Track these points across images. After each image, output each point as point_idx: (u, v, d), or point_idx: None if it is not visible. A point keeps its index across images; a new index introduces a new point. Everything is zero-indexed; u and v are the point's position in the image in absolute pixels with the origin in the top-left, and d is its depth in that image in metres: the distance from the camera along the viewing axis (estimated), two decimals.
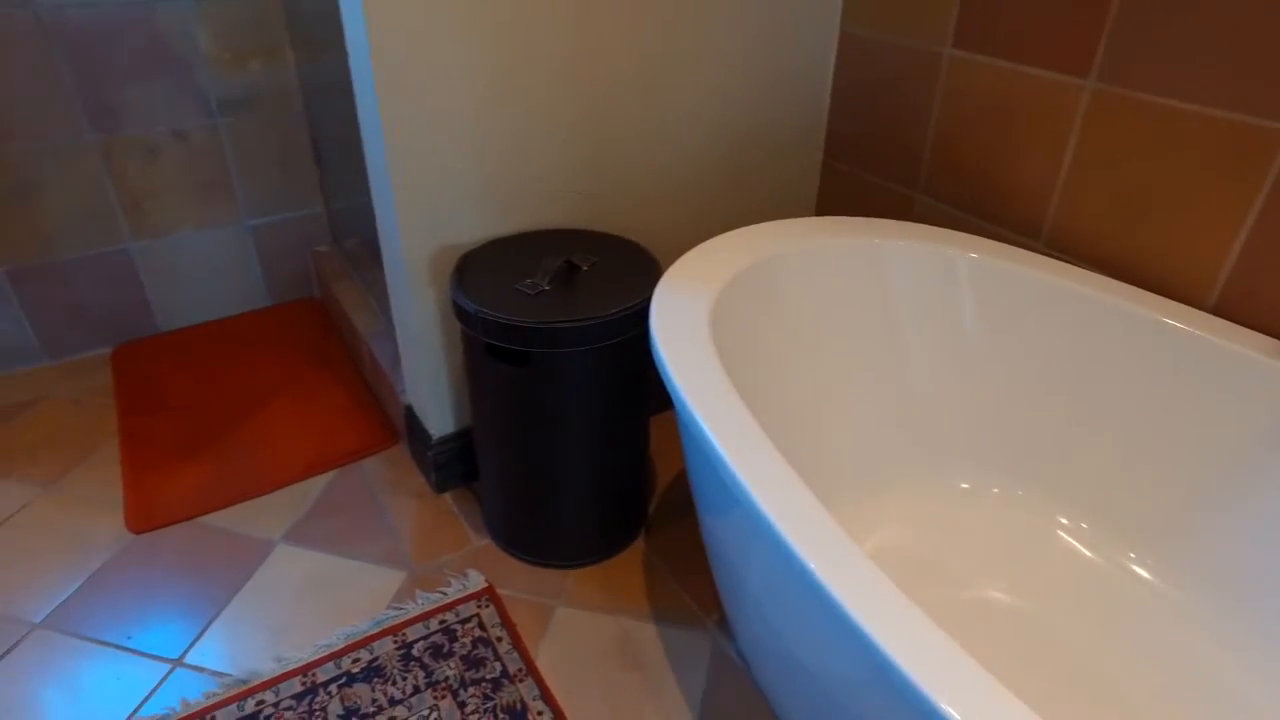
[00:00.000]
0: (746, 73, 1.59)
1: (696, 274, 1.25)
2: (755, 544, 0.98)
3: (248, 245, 2.25)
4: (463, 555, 1.52)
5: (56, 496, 1.70)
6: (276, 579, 1.49)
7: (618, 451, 1.41)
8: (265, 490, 1.69)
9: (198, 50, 1.98)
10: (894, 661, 0.72)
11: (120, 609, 1.44)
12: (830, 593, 0.78)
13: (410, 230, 1.34)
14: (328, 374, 2.05)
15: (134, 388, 2.03)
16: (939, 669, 0.71)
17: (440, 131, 1.30)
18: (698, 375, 1.04)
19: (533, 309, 1.21)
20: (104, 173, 2.00)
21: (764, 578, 1.02)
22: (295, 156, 2.20)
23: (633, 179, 1.55)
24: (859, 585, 0.79)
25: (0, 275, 1.99)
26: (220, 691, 1.29)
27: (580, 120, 1.43)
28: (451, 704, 1.26)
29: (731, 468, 0.90)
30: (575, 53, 1.37)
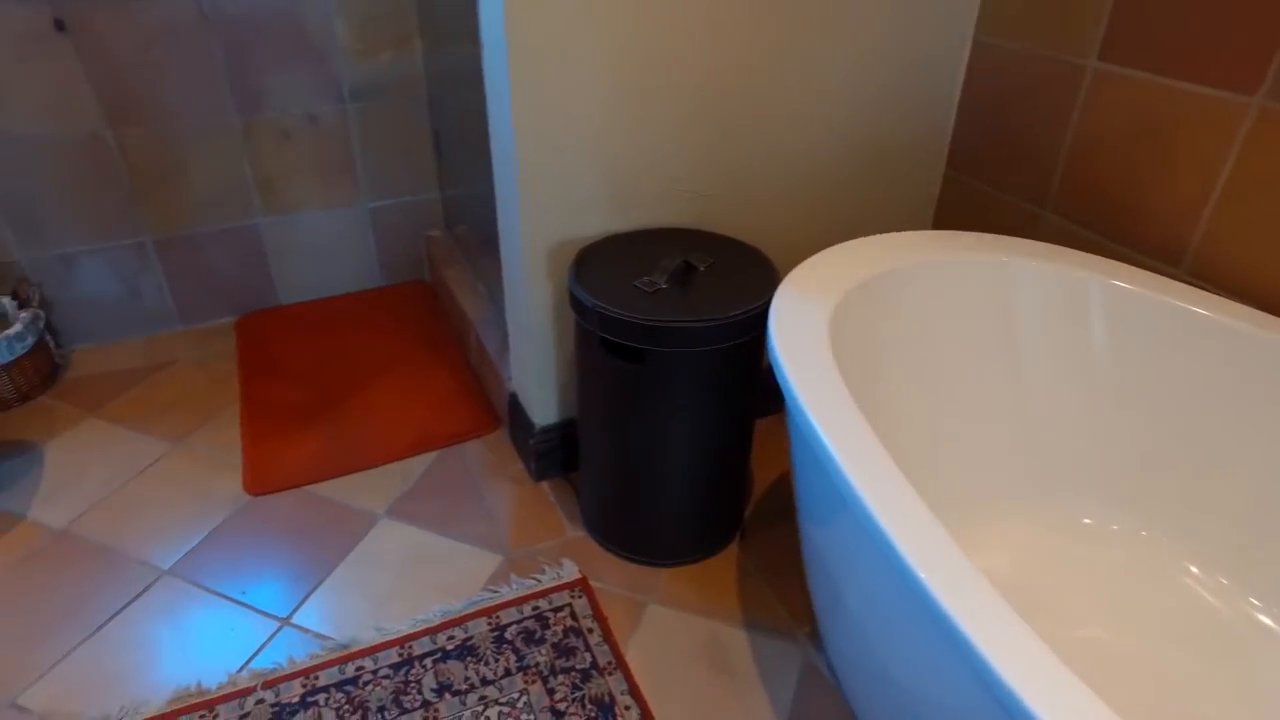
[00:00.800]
0: (873, 79, 1.56)
1: (816, 281, 1.23)
2: (862, 555, 0.96)
3: (365, 226, 2.34)
4: (557, 544, 1.54)
5: (184, 454, 1.81)
6: (378, 551, 1.55)
7: (721, 454, 1.41)
8: (372, 464, 1.75)
9: (335, 40, 2.07)
10: (1018, 695, 0.69)
11: (237, 565, 1.52)
12: (947, 613, 0.76)
13: (532, 221, 1.37)
14: (435, 356, 2.12)
15: (255, 356, 2.14)
16: (1067, 710, 0.68)
17: (567, 127, 1.32)
18: (816, 383, 1.02)
19: (650, 307, 1.21)
20: (242, 152, 2.11)
21: (868, 592, 0.99)
22: (416, 143, 2.28)
23: (751, 182, 1.54)
24: (979, 608, 0.76)
25: (149, 245, 2.13)
26: (323, 654, 1.35)
27: (703, 120, 1.43)
28: (541, 690, 1.28)
29: (847, 476, 0.89)
30: (702, 53, 1.37)
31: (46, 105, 1.90)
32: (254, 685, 1.29)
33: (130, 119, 1.97)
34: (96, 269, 2.12)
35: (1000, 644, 0.73)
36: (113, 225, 2.08)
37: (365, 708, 1.26)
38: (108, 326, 2.20)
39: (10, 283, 2.05)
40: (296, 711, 1.26)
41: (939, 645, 0.82)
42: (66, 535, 1.60)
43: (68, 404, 1.98)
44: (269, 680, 1.30)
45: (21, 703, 1.28)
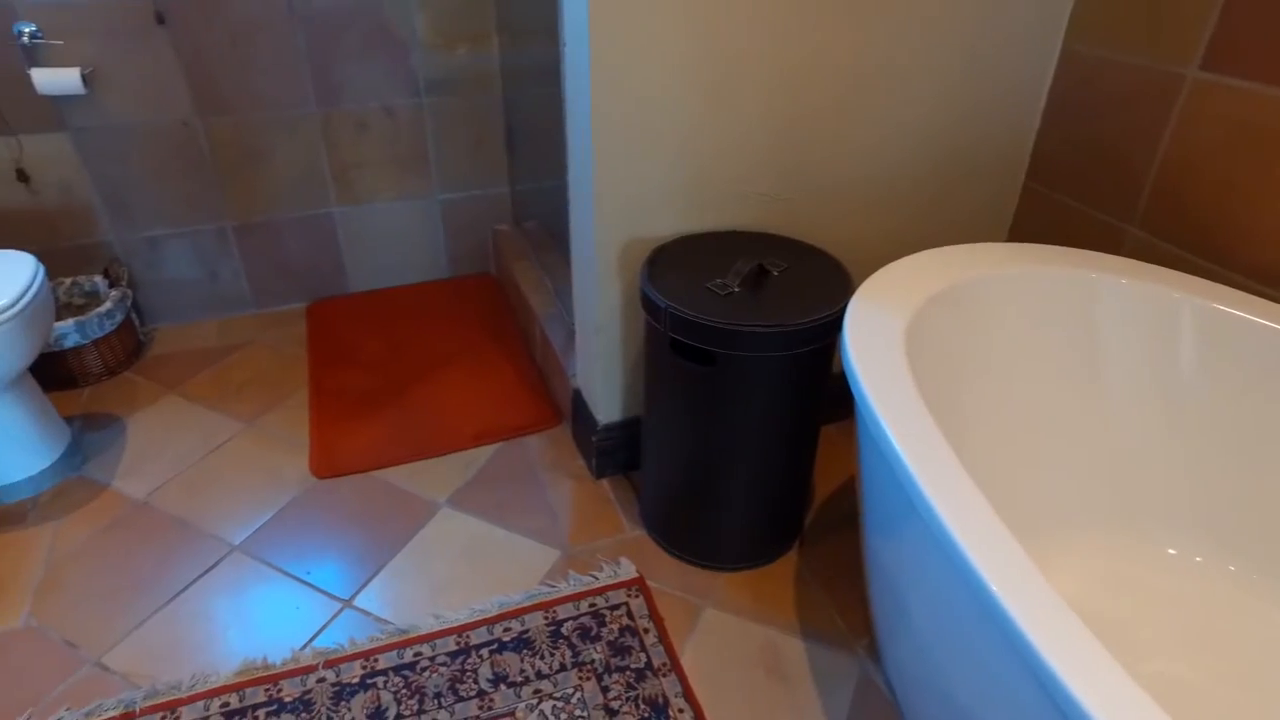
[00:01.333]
0: (957, 87, 1.52)
1: (892, 290, 1.21)
2: (931, 570, 0.94)
3: (435, 218, 2.38)
4: (615, 542, 1.55)
5: (255, 434, 1.86)
6: (439, 539, 1.57)
7: (786, 460, 1.39)
8: (435, 453, 1.78)
9: (414, 34, 2.10)
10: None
11: (302, 545, 1.56)
12: (1024, 634, 0.74)
13: (605, 219, 1.37)
14: (499, 349, 2.14)
15: (324, 342, 2.19)
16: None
17: (645, 126, 1.31)
18: (891, 393, 1.00)
19: (722, 309, 1.20)
20: (320, 143, 2.17)
21: (934, 608, 0.97)
22: (488, 137, 2.30)
23: (827, 188, 1.52)
24: (1058, 631, 0.74)
25: (228, 230, 2.20)
26: (383, 637, 1.37)
27: (782, 125, 1.41)
28: (595, 687, 1.28)
29: (921, 489, 0.87)
30: (786, 59, 1.35)
31: (143, 94, 1.97)
32: (316, 664, 1.33)
33: (217, 108, 2.04)
34: (180, 251, 2.19)
35: (1081, 671, 0.70)
36: (197, 210, 2.15)
37: (422, 693, 1.28)
38: (187, 307, 2.28)
39: (103, 262, 2.14)
40: (356, 692, 1.28)
41: (1010, 667, 0.80)
42: (146, 506, 1.66)
43: (149, 380, 2.06)
44: (330, 660, 1.33)
45: (105, 662, 1.34)
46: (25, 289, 1.54)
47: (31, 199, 2.01)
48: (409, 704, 1.26)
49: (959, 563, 0.81)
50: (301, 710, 1.26)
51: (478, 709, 1.25)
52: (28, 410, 1.67)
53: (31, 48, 1.85)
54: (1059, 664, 0.71)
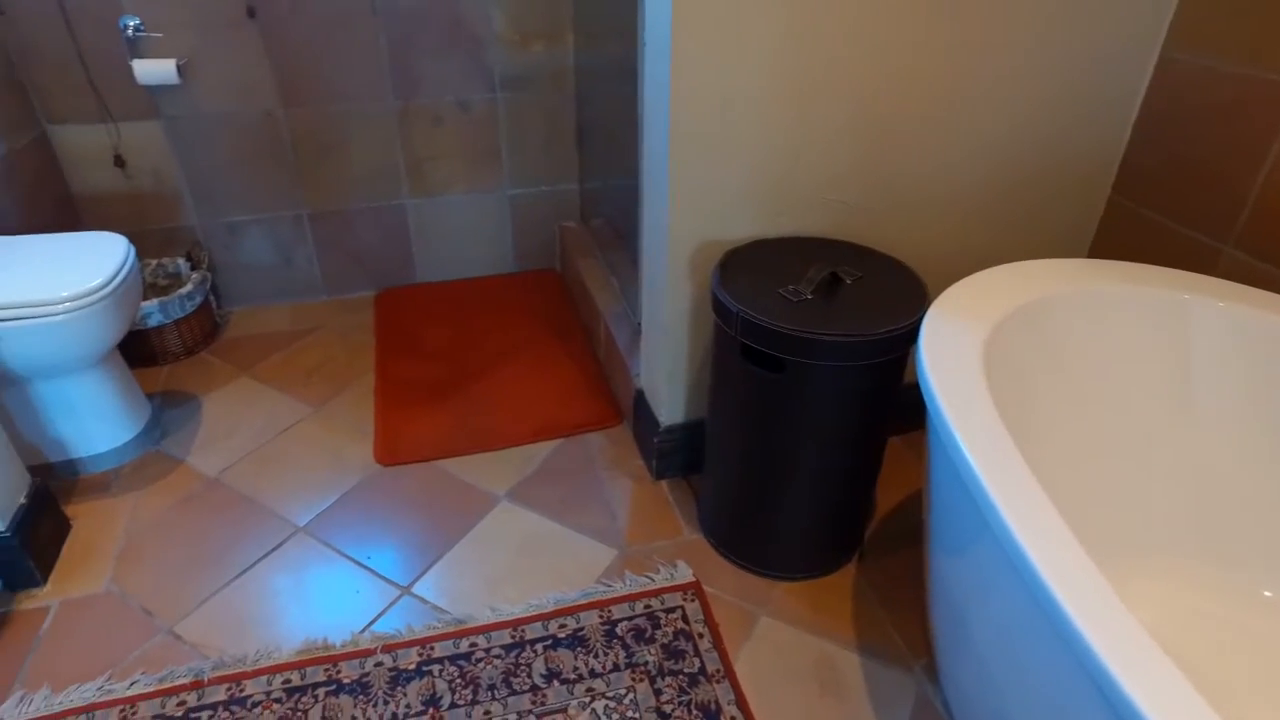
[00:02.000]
0: (1047, 96, 1.47)
1: (970, 304, 1.18)
2: (1001, 593, 0.91)
3: (505, 213, 2.40)
4: (673, 545, 1.54)
5: (322, 419, 1.91)
6: (497, 532, 1.58)
7: (851, 471, 1.37)
8: (496, 446, 1.80)
9: (492, 31, 2.13)
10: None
11: (364, 530, 1.59)
12: (1103, 663, 0.71)
13: (679, 221, 1.37)
14: (562, 345, 2.15)
15: (391, 330, 2.23)
16: None
17: (723, 129, 1.30)
18: (968, 410, 0.97)
19: (795, 316, 1.19)
20: (396, 135, 2.21)
21: (1002, 631, 0.94)
22: (560, 135, 2.32)
23: (906, 196, 1.48)
24: (1139, 662, 0.70)
25: (304, 218, 2.26)
26: (440, 626, 1.39)
27: (863, 132, 1.39)
28: (648, 689, 1.28)
29: (998, 510, 0.84)
30: (871, 66, 1.32)
31: (231, 85, 2.03)
32: (374, 648, 1.35)
33: (299, 99, 2.09)
34: (257, 237, 2.26)
35: (1166, 709, 0.67)
36: (275, 198, 2.21)
37: (476, 684, 1.29)
38: (261, 291, 2.35)
39: (185, 245, 2.22)
40: (412, 679, 1.30)
41: (1084, 699, 0.77)
42: (217, 483, 1.71)
43: (224, 361, 2.12)
44: (388, 645, 1.35)
45: (178, 631, 1.39)
46: (119, 269, 1.60)
47: (126, 183, 2.10)
48: (463, 694, 1.28)
49: (1034, 587, 0.78)
50: (359, 692, 1.28)
51: (530, 703, 1.26)
52: (115, 385, 1.74)
53: (134, 40, 1.93)
54: (1143, 700, 0.68)
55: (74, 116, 1.99)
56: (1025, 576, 0.79)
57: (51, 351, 1.56)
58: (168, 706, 1.26)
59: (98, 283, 1.56)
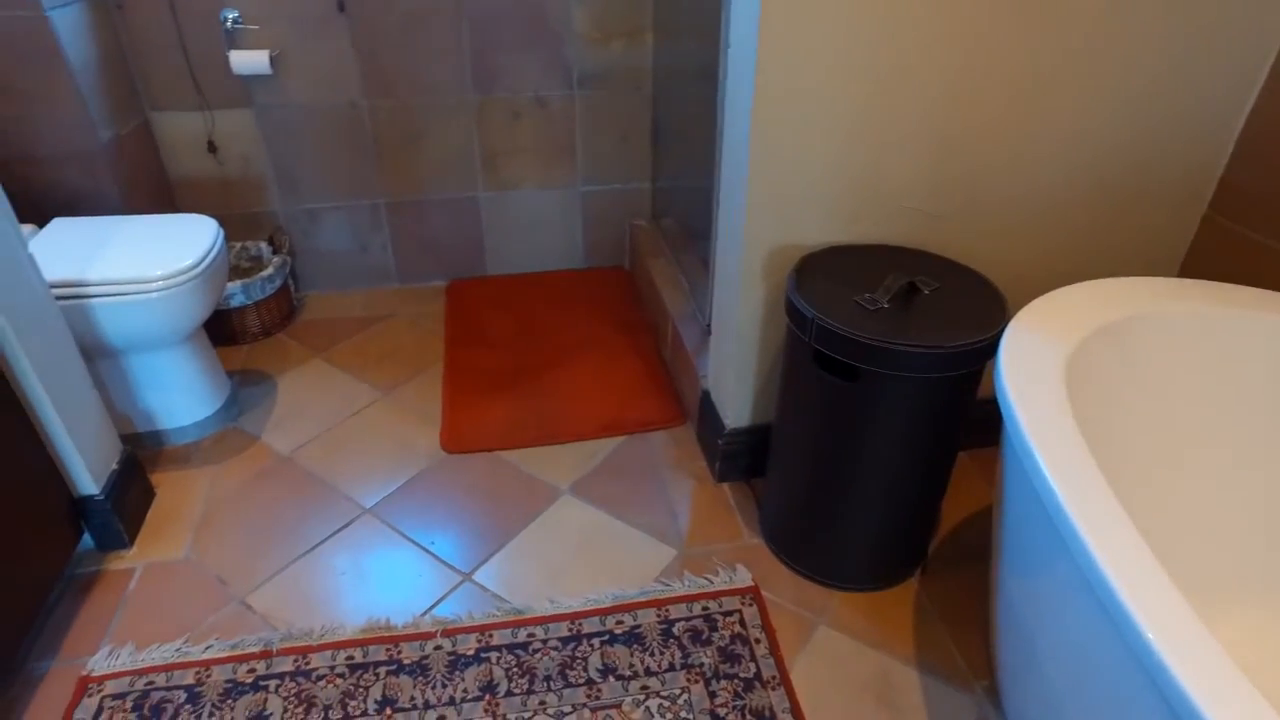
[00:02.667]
0: (1141, 104, 1.42)
1: (1054, 320, 1.15)
2: (1077, 618, 0.88)
3: (576, 209, 2.43)
4: (733, 548, 1.54)
5: (391, 404, 1.96)
6: (558, 525, 1.60)
7: (918, 484, 1.34)
8: (560, 440, 1.82)
9: (571, 28, 2.15)
10: None
11: (428, 515, 1.63)
12: (1192, 700, 0.68)
13: (755, 223, 1.36)
14: (629, 343, 2.16)
15: (460, 320, 2.27)
16: None
17: (804, 133, 1.29)
18: (1049, 430, 0.95)
19: (871, 325, 1.17)
20: (474, 129, 2.25)
21: (1075, 658, 0.92)
22: (634, 133, 2.33)
23: (987, 205, 1.45)
24: (1233, 702, 0.68)
25: (382, 207, 2.32)
26: (499, 615, 1.41)
27: (946, 139, 1.36)
28: (702, 691, 1.28)
29: (1081, 535, 0.82)
30: (955, 69, 1.30)
31: (320, 76, 2.10)
32: (435, 631, 1.38)
33: (383, 91, 2.15)
34: (336, 224, 2.33)
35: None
36: (355, 186, 2.28)
37: (533, 674, 1.31)
38: (337, 277, 2.42)
39: (268, 230, 2.29)
40: (470, 664, 1.33)
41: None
42: (289, 461, 1.77)
43: (299, 343, 2.19)
44: (448, 629, 1.38)
45: (249, 601, 1.44)
46: (208, 251, 1.67)
47: (217, 169, 2.18)
48: (519, 682, 1.30)
49: (1116, 614, 0.76)
50: (419, 674, 1.31)
51: (585, 696, 1.27)
52: (200, 362, 1.81)
53: (232, 32, 2.00)
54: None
55: (174, 104, 2.07)
56: (1106, 603, 0.77)
57: (145, 327, 1.64)
58: (239, 673, 1.31)
59: (189, 263, 1.62)
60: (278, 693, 1.28)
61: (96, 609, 1.42)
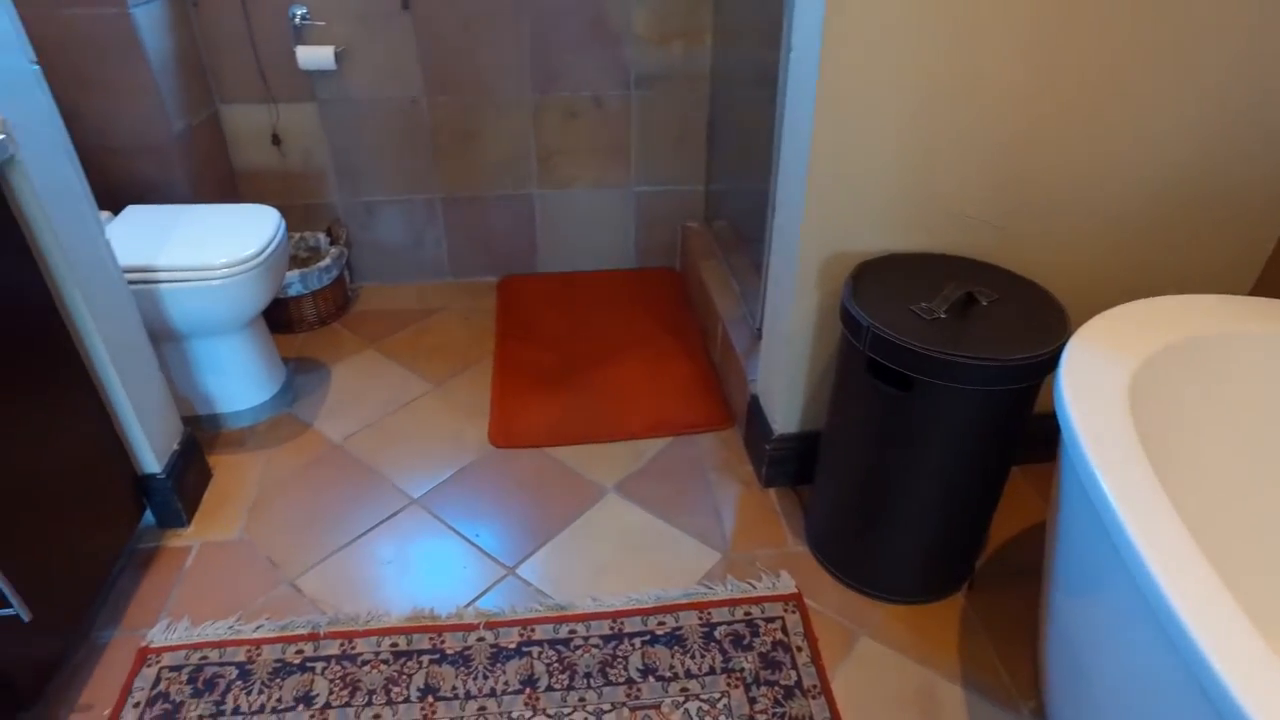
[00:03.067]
0: (1221, 114, 1.37)
1: (1119, 336, 1.12)
2: (1135, 643, 0.86)
3: (629, 209, 2.43)
4: (777, 554, 1.53)
5: (441, 397, 1.98)
6: (603, 523, 1.61)
7: (969, 498, 1.32)
8: (607, 439, 1.82)
9: (631, 29, 2.15)
10: None
11: (475, 508, 1.64)
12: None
13: (812, 229, 1.35)
14: (678, 344, 2.16)
15: (511, 317, 2.29)
16: None
17: (866, 140, 1.28)
18: (1111, 450, 0.93)
19: (926, 335, 1.15)
20: (530, 127, 2.27)
21: (1131, 684, 0.89)
22: (690, 135, 2.33)
23: (1049, 217, 1.42)
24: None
25: (437, 202, 2.35)
26: (541, 610, 1.42)
27: (1006, 147, 1.33)
28: (742, 696, 1.28)
29: (1144, 559, 0.80)
30: (1027, 79, 1.27)
31: (382, 72, 2.14)
32: (478, 623, 1.39)
33: (443, 88, 2.18)
34: (392, 218, 2.37)
35: None
36: (412, 181, 2.31)
37: (573, 670, 1.32)
38: (391, 270, 2.46)
39: (326, 221, 2.34)
40: (511, 657, 1.34)
41: None
42: (341, 449, 1.80)
43: (353, 333, 2.24)
44: (491, 622, 1.40)
45: (298, 584, 1.48)
46: (270, 240, 1.71)
47: (280, 161, 2.23)
48: (560, 678, 1.30)
49: (1180, 642, 0.74)
50: (461, 664, 1.33)
51: (625, 695, 1.28)
52: (258, 348, 1.86)
53: (300, 28, 2.05)
54: None
55: (241, 97, 2.13)
56: (1171, 633, 0.75)
57: (207, 312, 1.68)
58: (287, 653, 1.34)
59: (252, 251, 1.67)
60: (324, 674, 1.31)
61: (155, 584, 1.47)
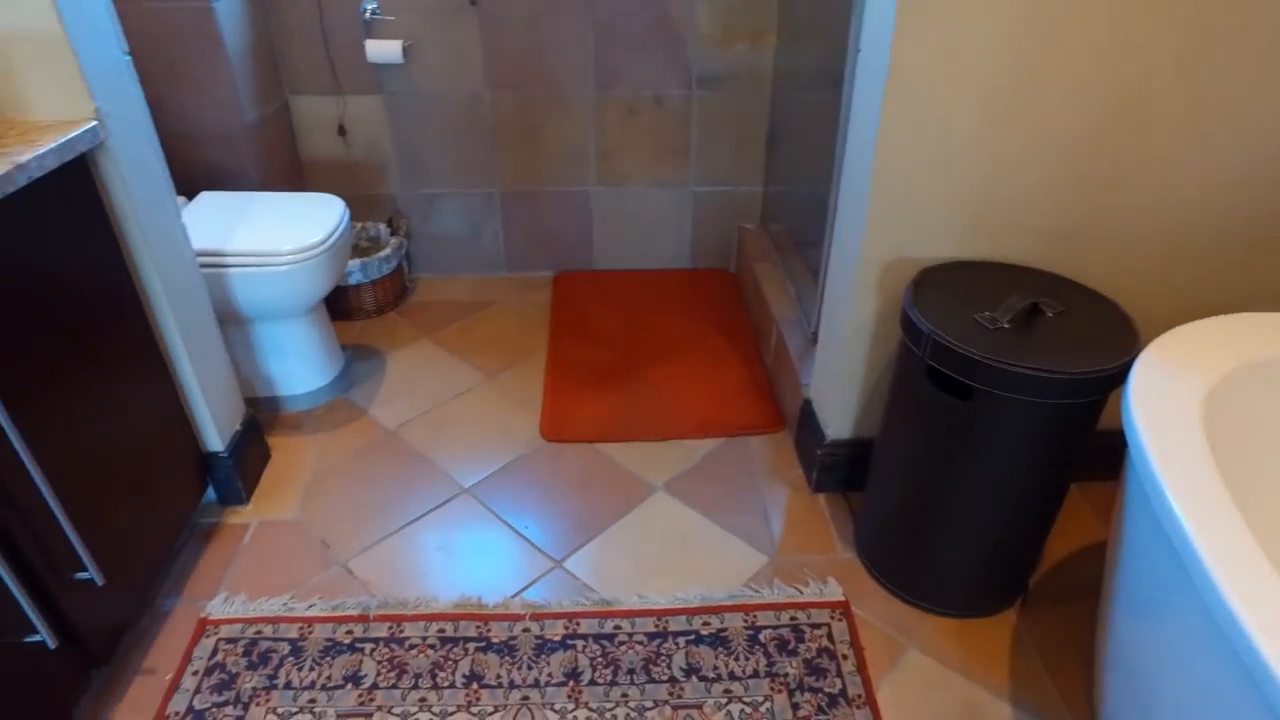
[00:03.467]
0: None
1: (1192, 353, 1.08)
2: (1207, 672, 0.83)
3: (686, 209, 2.43)
4: (825, 560, 1.51)
5: (494, 388, 2.01)
6: (651, 521, 1.61)
7: (1026, 512, 1.29)
8: (657, 437, 1.83)
9: (695, 27, 2.15)
10: None
11: (524, 500, 1.66)
12: None
13: (875, 234, 1.34)
14: (730, 346, 2.16)
15: (565, 312, 2.31)
16: None
17: (933, 145, 1.26)
18: (1184, 470, 0.90)
19: (989, 344, 1.13)
20: (591, 124, 2.28)
21: (1199, 714, 0.86)
22: (750, 136, 2.32)
23: (1120, 229, 1.37)
24: None
25: (496, 196, 2.38)
26: (587, 604, 1.43)
27: (1084, 157, 1.29)
28: (785, 702, 1.27)
29: (1219, 587, 0.77)
30: (1103, 87, 1.23)
31: (447, 67, 2.17)
32: (524, 614, 1.41)
33: (506, 84, 2.20)
34: (451, 210, 2.40)
35: None
36: (472, 175, 2.35)
37: (617, 665, 1.32)
38: (448, 261, 2.50)
39: (387, 212, 2.39)
40: (556, 649, 1.35)
41: None
42: (394, 436, 1.84)
43: (409, 323, 2.28)
44: (537, 613, 1.41)
45: (350, 566, 1.51)
46: (335, 229, 1.75)
47: (345, 151, 2.29)
48: (603, 672, 1.31)
49: (1257, 672, 0.71)
50: (506, 654, 1.34)
51: (667, 694, 1.28)
52: (319, 334, 1.91)
53: (370, 22, 2.10)
54: None
55: (310, 88, 2.18)
56: (1245, 658, 0.73)
57: (272, 297, 1.73)
58: (338, 633, 1.37)
59: (317, 239, 1.71)
60: (372, 656, 1.34)
61: (215, 558, 1.52)
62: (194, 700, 1.27)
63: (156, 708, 1.26)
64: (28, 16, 1.11)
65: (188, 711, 1.25)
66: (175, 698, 1.27)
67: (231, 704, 1.26)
